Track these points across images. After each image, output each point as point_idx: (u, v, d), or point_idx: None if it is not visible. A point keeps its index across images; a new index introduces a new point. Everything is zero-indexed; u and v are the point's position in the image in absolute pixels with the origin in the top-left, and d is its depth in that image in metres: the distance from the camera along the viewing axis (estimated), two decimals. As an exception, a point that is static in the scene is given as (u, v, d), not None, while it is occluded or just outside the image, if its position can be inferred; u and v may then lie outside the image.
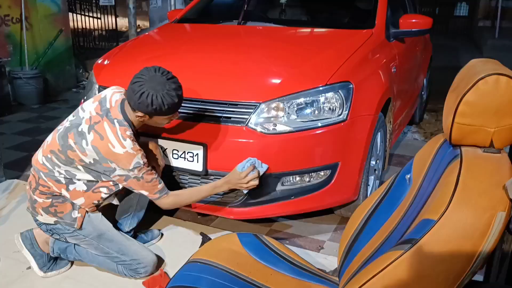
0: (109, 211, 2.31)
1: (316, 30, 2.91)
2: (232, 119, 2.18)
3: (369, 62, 2.55)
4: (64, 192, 1.98)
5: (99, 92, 2.53)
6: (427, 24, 2.99)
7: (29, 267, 2.14)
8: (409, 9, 3.99)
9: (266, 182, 2.16)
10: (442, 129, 1.21)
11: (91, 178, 1.96)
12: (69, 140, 1.90)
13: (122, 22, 10.07)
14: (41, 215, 2.00)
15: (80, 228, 2.00)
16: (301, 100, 2.19)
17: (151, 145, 2.17)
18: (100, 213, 2.08)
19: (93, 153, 1.86)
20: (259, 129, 2.15)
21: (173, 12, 3.63)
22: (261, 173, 2.06)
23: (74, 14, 6.64)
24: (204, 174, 2.21)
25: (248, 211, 2.23)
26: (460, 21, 12.96)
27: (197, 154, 2.18)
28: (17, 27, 5.44)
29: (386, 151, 2.95)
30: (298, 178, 2.23)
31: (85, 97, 2.67)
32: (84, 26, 6.86)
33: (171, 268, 2.15)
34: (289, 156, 2.16)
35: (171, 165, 2.27)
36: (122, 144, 1.84)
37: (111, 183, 1.99)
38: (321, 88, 2.21)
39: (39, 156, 2.01)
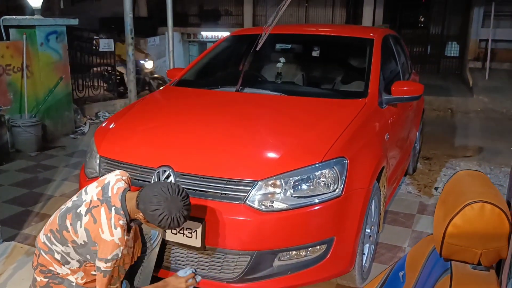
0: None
1: (311, 99, 3.01)
2: (230, 195, 2.23)
3: (363, 134, 2.63)
4: (63, 269, 2.02)
5: (100, 162, 2.59)
6: (418, 91, 3.10)
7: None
8: (399, 61, 4.08)
9: (263, 258, 2.20)
10: (435, 180, 1.27)
11: (81, 258, 2.02)
12: (66, 220, 1.98)
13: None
14: None
15: None
16: (298, 177, 2.25)
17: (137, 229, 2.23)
18: None
19: (84, 235, 1.93)
20: (256, 206, 2.20)
21: (173, 71, 3.72)
22: (197, 282, 2.19)
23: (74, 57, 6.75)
24: (203, 250, 2.25)
25: (245, 287, 2.25)
26: (451, 61, 13.23)
27: (196, 230, 2.22)
28: (18, 75, 5.54)
29: (380, 214, 3.00)
30: (294, 253, 2.27)
31: (86, 160, 2.72)
32: (83, 65, 6.99)
33: None
34: (285, 232, 2.21)
35: (169, 240, 2.31)
36: (111, 232, 1.90)
37: None
38: (317, 165, 2.28)
39: (41, 235, 2.09)
